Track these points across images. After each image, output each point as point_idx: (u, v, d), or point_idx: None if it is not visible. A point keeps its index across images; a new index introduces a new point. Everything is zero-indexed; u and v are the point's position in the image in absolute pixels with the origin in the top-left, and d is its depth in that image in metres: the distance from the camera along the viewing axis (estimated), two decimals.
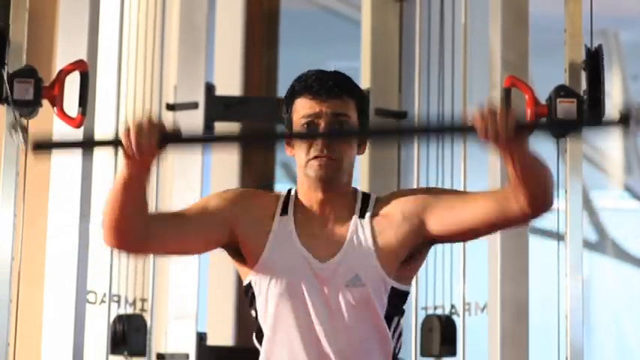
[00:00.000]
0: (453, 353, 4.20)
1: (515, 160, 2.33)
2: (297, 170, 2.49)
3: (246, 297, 2.51)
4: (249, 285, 2.49)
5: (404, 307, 2.52)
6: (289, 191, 2.52)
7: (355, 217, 2.47)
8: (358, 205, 2.49)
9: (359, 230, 2.46)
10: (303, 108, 2.46)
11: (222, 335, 5.00)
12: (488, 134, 2.26)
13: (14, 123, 2.65)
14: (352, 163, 2.48)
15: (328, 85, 2.45)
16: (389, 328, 2.46)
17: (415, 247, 2.47)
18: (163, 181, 4.51)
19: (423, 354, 4.27)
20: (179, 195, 4.47)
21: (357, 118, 2.47)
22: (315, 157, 2.42)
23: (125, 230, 2.36)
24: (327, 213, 2.48)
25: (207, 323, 4.62)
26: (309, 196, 2.48)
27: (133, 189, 2.33)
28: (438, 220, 2.45)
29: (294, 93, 2.48)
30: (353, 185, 2.53)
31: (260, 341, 2.48)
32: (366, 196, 2.51)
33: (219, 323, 5.04)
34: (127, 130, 2.29)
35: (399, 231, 2.45)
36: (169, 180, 4.55)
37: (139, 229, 2.37)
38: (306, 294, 2.42)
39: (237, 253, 2.50)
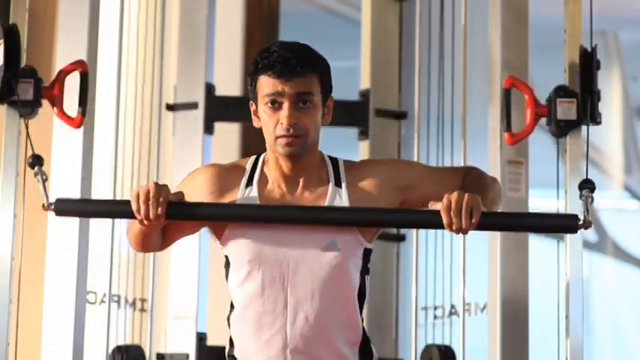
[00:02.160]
0: None
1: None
2: (266, 141, 2.57)
3: (225, 271, 2.61)
4: (226, 260, 2.58)
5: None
6: (256, 158, 2.62)
7: (331, 185, 2.56)
8: (331, 172, 2.58)
9: (336, 199, 2.56)
10: (267, 86, 2.52)
11: (222, 335, 4.99)
12: (453, 227, 2.44)
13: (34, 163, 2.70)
14: (318, 132, 2.56)
15: (291, 63, 2.50)
16: (362, 286, 2.55)
17: None
18: (163, 181, 4.50)
19: None
20: None
21: (320, 92, 2.54)
22: (282, 136, 2.51)
23: (146, 248, 2.66)
24: (298, 182, 2.56)
25: (207, 323, 4.62)
26: (279, 166, 2.56)
27: (149, 235, 2.57)
28: (413, 201, 2.58)
29: (257, 69, 2.54)
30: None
31: (229, 318, 2.59)
32: (334, 161, 2.61)
33: (219, 323, 5.04)
34: (136, 197, 2.46)
35: (377, 203, 2.56)
36: (169, 177, 4.55)
37: (158, 247, 2.64)
38: (275, 260, 2.50)
39: (214, 231, 2.62)
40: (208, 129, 4.56)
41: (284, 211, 2.51)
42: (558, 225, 2.62)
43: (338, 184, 2.56)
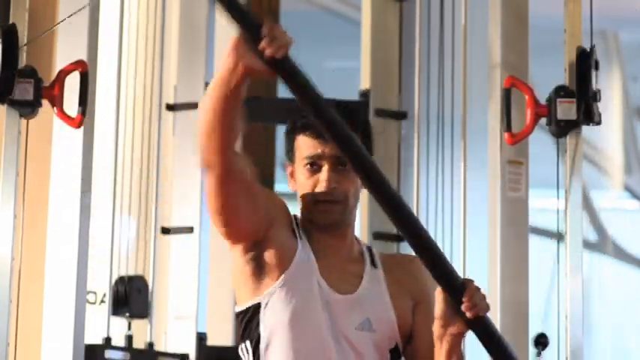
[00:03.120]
0: None
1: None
2: (301, 209, 2.43)
3: (241, 322, 2.43)
4: (256, 306, 2.40)
5: None
6: (294, 216, 2.46)
7: (368, 266, 2.44)
8: (366, 253, 2.46)
9: (374, 280, 2.43)
10: (306, 147, 2.40)
11: (222, 335, 5.00)
12: (467, 307, 2.28)
13: None
14: (357, 198, 2.44)
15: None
16: None
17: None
18: (163, 181, 4.51)
19: None
20: (179, 192, 4.48)
21: None
22: (321, 202, 2.38)
23: (219, 133, 2.30)
24: (339, 250, 2.43)
25: (207, 323, 4.62)
26: (319, 233, 2.42)
27: (234, 85, 2.28)
28: (413, 346, 2.44)
29: (295, 128, 2.42)
30: None
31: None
32: (369, 249, 2.48)
33: (219, 323, 5.04)
34: (271, 25, 2.29)
35: (409, 307, 2.44)
36: (169, 177, 4.55)
37: (232, 140, 2.31)
38: (314, 325, 2.36)
39: (257, 265, 2.41)
40: None
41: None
42: None
43: (374, 266, 2.44)
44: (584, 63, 3.22)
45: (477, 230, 4.19)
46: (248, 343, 2.40)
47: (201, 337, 4.42)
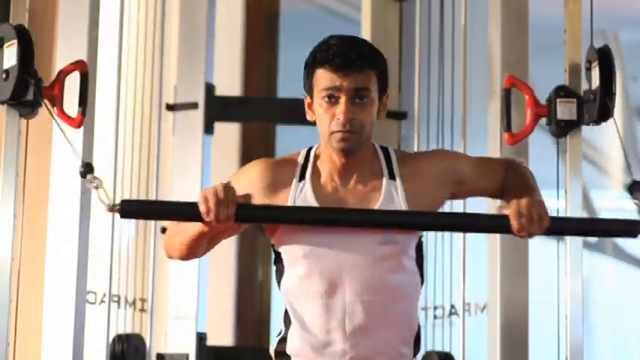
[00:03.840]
0: None
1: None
2: (320, 135, 2.54)
3: (274, 265, 2.59)
4: (277, 256, 2.56)
5: None
6: (309, 151, 2.58)
7: (385, 180, 2.54)
8: (383, 165, 2.56)
9: (392, 192, 2.53)
10: (324, 79, 2.49)
11: (222, 335, 5.01)
12: (524, 233, 2.44)
13: (91, 179, 2.63)
14: (372, 127, 2.54)
15: (350, 58, 2.48)
16: (420, 274, 2.55)
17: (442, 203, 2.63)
18: (163, 181, 4.51)
19: None
20: (179, 192, 4.47)
21: (377, 88, 2.52)
22: (338, 131, 2.48)
23: (190, 255, 2.59)
24: (352, 176, 2.54)
25: (207, 323, 4.62)
26: (333, 160, 2.54)
27: (206, 238, 2.52)
28: (461, 195, 2.63)
29: (315, 62, 2.51)
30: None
31: (286, 318, 2.53)
32: (386, 153, 2.59)
33: (219, 323, 5.05)
34: (205, 199, 2.42)
35: (432, 197, 2.56)
36: (169, 177, 4.55)
37: (203, 252, 2.59)
38: (330, 256, 2.48)
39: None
40: (208, 129, 4.56)
41: (351, 215, 2.48)
42: (620, 230, 2.65)
43: (392, 176, 2.55)
44: (607, 61, 3.20)
45: None
46: (274, 268, 2.58)
47: (201, 337, 4.42)
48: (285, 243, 2.53)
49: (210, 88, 4.57)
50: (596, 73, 3.19)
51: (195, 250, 2.55)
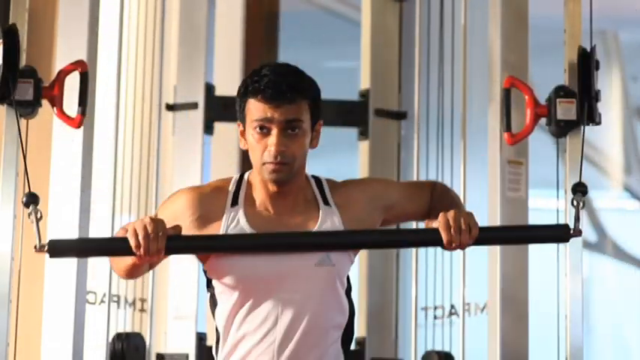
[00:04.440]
0: None
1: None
2: (252, 164, 2.54)
3: (210, 296, 2.59)
4: (209, 281, 2.57)
5: None
6: (241, 178, 2.58)
7: (321, 204, 2.55)
8: (317, 193, 2.57)
9: (328, 219, 2.53)
10: (256, 110, 2.49)
11: None
12: (454, 245, 2.46)
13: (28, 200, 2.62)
14: (305, 158, 2.54)
15: (281, 89, 2.46)
16: (350, 303, 2.58)
17: None
18: (163, 181, 4.51)
19: None
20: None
21: (309, 118, 2.51)
22: (269, 163, 2.48)
23: (135, 276, 2.58)
24: (286, 203, 2.54)
25: (207, 323, 4.62)
26: (266, 188, 2.53)
27: (141, 266, 2.50)
28: (392, 219, 2.65)
29: (247, 92, 2.51)
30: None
31: (217, 346, 2.56)
32: (317, 181, 2.60)
33: None
34: (134, 233, 2.39)
35: (367, 223, 2.57)
36: (169, 177, 4.55)
37: (145, 272, 2.59)
38: (264, 283, 2.48)
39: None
40: (208, 129, 4.56)
41: (286, 239, 2.48)
42: (550, 236, 2.66)
43: (327, 203, 2.56)
44: (586, 63, 3.22)
45: None
46: (208, 294, 2.58)
47: (201, 337, 4.42)
48: (217, 272, 2.52)
49: (210, 88, 4.57)
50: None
51: (136, 273, 2.55)
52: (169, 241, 2.40)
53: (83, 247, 2.63)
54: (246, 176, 2.58)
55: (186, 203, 2.54)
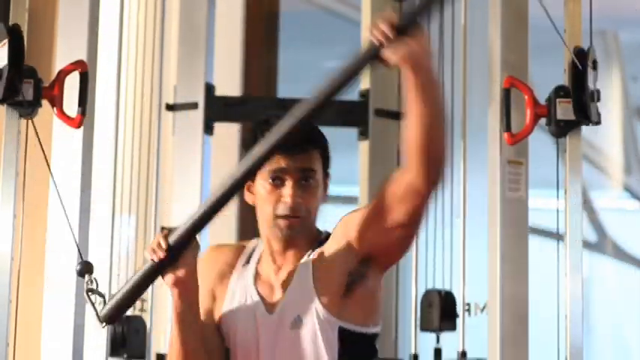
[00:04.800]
0: (453, 328, 4.20)
1: (416, 74, 2.25)
2: (259, 218, 2.47)
3: None
4: None
5: (372, 349, 2.53)
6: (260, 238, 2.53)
7: (305, 258, 2.46)
8: (315, 244, 2.48)
9: (301, 271, 2.44)
10: (268, 162, 2.40)
11: None
12: (379, 37, 2.31)
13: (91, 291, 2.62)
14: (317, 213, 2.46)
15: (295, 139, 2.38)
16: None
17: (353, 273, 2.43)
18: (163, 181, 4.51)
19: (422, 329, 4.27)
20: (179, 192, 4.47)
21: (321, 168, 2.46)
22: (284, 217, 2.42)
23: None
24: (284, 260, 2.49)
25: None
26: (271, 244, 2.48)
27: (187, 318, 2.44)
28: (360, 235, 2.40)
29: (257, 142, 2.41)
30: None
31: None
32: (327, 236, 2.49)
33: None
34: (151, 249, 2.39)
35: (333, 262, 2.43)
36: (169, 177, 4.55)
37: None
38: (254, 343, 2.43)
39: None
40: (208, 129, 4.56)
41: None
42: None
43: (309, 255, 2.47)
44: (581, 62, 3.23)
45: (477, 230, 4.19)
46: None
47: None
48: (222, 327, 2.51)
49: (210, 88, 4.58)
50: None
51: (189, 349, 2.49)
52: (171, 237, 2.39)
53: (127, 298, 2.57)
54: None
55: (209, 259, 2.55)
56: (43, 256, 3.56)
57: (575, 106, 3.23)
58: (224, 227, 4.91)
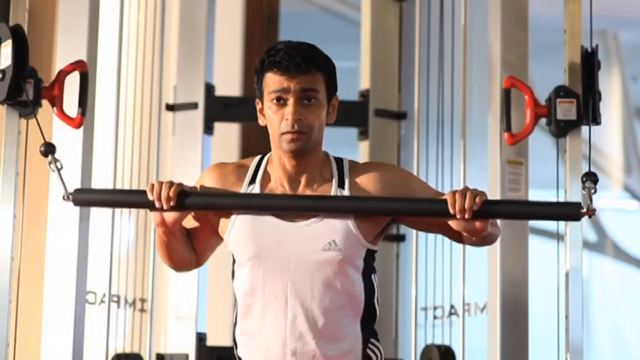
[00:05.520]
0: None
1: (475, 237, 2.56)
2: (270, 139, 2.61)
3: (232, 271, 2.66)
4: (232, 258, 2.63)
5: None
6: (261, 158, 2.65)
7: (334, 185, 2.59)
8: (335, 172, 2.61)
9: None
10: (273, 83, 2.56)
11: (222, 335, 5.00)
12: (457, 207, 2.48)
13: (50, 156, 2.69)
14: (322, 130, 2.59)
15: (296, 60, 2.54)
16: (367, 285, 2.63)
17: (388, 225, 2.64)
18: (163, 179, 4.50)
19: None
20: None
21: (325, 90, 2.58)
22: (287, 132, 2.54)
23: (179, 263, 2.69)
24: (300, 180, 2.60)
25: (207, 323, 4.62)
26: (282, 164, 2.60)
27: (172, 242, 2.62)
28: (412, 218, 2.64)
29: (263, 67, 2.58)
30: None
31: (235, 316, 2.62)
32: (339, 162, 2.64)
33: (219, 323, 5.04)
34: (152, 186, 2.54)
35: (378, 223, 2.60)
36: (169, 177, 4.54)
37: (191, 260, 2.69)
38: (276, 257, 2.54)
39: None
40: (208, 129, 4.56)
41: (291, 201, 2.54)
42: (561, 213, 2.61)
43: (341, 184, 2.60)
44: (589, 63, 3.22)
45: None
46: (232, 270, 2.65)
47: (201, 337, 4.42)
48: (234, 244, 2.59)
49: (210, 88, 4.57)
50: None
51: (176, 256, 2.65)
52: (183, 195, 2.53)
53: (106, 199, 2.74)
54: (267, 155, 2.65)
55: (211, 177, 2.63)
56: (43, 256, 3.56)
57: (583, 107, 3.23)
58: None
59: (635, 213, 7.03)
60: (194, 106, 4.51)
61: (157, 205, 2.52)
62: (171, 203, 2.52)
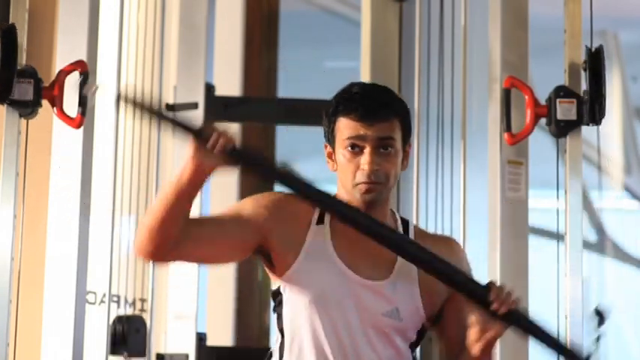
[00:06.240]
0: None
1: (478, 352, 2.43)
2: (339, 184, 2.47)
3: (273, 301, 2.51)
4: (278, 291, 2.48)
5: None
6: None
7: None
8: (401, 232, 2.49)
9: (405, 266, 2.45)
10: (347, 129, 2.42)
11: (222, 335, 5.01)
12: (497, 296, 2.37)
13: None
14: (396, 179, 2.47)
15: (374, 107, 2.41)
16: (409, 356, 2.49)
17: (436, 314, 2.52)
18: (163, 181, 4.51)
19: None
20: None
21: (401, 137, 2.45)
22: (363, 183, 2.41)
23: (165, 234, 2.34)
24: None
25: (207, 323, 4.62)
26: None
27: (186, 194, 2.32)
28: (448, 308, 2.51)
29: (337, 111, 2.44)
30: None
31: (280, 349, 2.47)
32: (405, 224, 2.52)
33: (219, 323, 5.05)
34: (212, 127, 2.32)
35: (437, 291, 2.48)
36: (169, 177, 4.55)
37: (179, 233, 2.35)
38: (337, 307, 2.42)
39: (268, 259, 2.48)
40: None
41: (374, 224, 2.38)
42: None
43: None
44: (596, 63, 3.21)
45: (477, 230, 4.19)
46: (276, 318, 2.48)
47: (201, 337, 4.42)
48: (297, 280, 2.44)
49: (210, 88, 4.57)
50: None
51: (167, 223, 2.32)
52: (235, 152, 2.30)
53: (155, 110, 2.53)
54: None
55: (278, 198, 2.47)
56: (43, 256, 3.56)
57: (589, 107, 3.22)
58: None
59: (635, 213, 7.03)
60: (194, 106, 4.52)
61: (208, 143, 2.29)
62: (225, 149, 2.28)
